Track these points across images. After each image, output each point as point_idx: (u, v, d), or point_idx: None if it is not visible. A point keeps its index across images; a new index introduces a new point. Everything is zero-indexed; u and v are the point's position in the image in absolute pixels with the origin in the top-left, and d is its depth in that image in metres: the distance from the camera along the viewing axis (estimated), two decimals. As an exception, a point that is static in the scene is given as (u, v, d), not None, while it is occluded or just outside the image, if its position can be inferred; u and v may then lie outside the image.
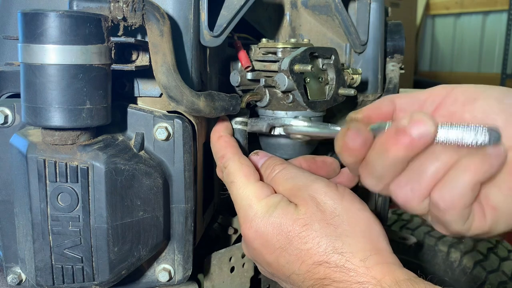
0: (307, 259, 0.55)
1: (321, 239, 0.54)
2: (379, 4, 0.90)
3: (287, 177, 0.62)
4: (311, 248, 0.55)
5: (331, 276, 0.53)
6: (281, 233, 0.57)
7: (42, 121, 0.51)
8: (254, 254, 0.61)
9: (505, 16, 5.58)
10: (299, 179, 0.61)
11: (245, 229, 0.60)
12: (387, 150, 0.51)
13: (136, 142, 0.59)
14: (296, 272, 0.56)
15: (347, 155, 0.56)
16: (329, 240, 0.54)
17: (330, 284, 0.53)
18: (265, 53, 0.76)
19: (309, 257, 0.55)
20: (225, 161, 0.64)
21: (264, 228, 0.58)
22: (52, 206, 0.54)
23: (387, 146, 0.51)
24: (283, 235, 0.56)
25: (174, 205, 0.63)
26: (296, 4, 0.89)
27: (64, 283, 0.56)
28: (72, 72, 0.50)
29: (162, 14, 0.55)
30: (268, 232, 0.57)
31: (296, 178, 0.61)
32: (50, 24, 0.48)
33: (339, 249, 0.54)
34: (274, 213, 0.58)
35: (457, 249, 1.59)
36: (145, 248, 0.60)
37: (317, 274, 0.54)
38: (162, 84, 0.56)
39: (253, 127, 0.74)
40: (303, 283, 0.55)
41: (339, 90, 0.77)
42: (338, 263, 0.53)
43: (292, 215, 0.57)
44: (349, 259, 0.53)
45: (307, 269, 0.55)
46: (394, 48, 0.98)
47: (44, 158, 0.53)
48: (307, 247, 0.55)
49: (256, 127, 0.74)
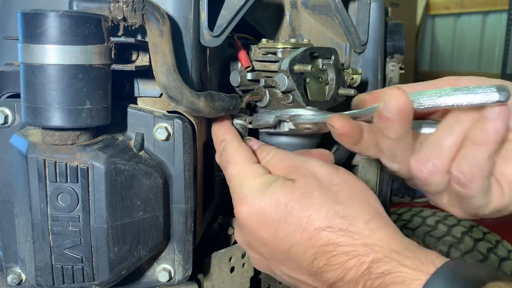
0: (308, 226, 0.53)
1: (322, 205, 0.54)
2: (379, 4, 0.90)
3: (282, 159, 0.62)
4: (312, 214, 0.53)
5: (335, 240, 0.51)
6: (279, 205, 0.55)
7: (42, 121, 0.51)
8: (249, 235, 0.58)
9: (505, 16, 5.58)
10: (294, 159, 0.61)
11: (240, 208, 0.57)
12: (381, 131, 0.54)
13: (136, 142, 0.59)
14: (297, 243, 0.53)
15: (343, 140, 0.58)
16: (330, 205, 0.54)
17: (334, 249, 0.51)
18: (265, 53, 0.76)
19: (311, 224, 0.53)
20: (225, 144, 0.64)
21: (260, 202, 0.56)
22: (52, 206, 0.54)
23: (379, 127, 0.54)
24: (282, 206, 0.55)
25: (174, 205, 0.63)
26: (296, 4, 0.89)
27: (64, 283, 0.56)
28: (72, 72, 0.50)
29: (162, 14, 0.55)
30: (266, 205, 0.56)
31: (291, 158, 0.62)
32: (50, 24, 0.48)
33: (341, 213, 0.53)
34: (271, 187, 0.57)
35: (457, 249, 1.59)
36: (145, 248, 0.60)
37: (319, 241, 0.52)
38: (162, 84, 0.56)
39: (259, 122, 0.73)
40: (305, 254, 0.53)
41: (339, 90, 0.77)
42: (342, 227, 0.52)
43: (291, 188, 0.56)
44: (352, 223, 0.52)
45: (309, 237, 0.52)
46: (394, 48, 0.98)
47: (44, 158, 0.53)
48: (308, 213, 0.53)
49: (262, 121, 0.72)
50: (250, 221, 0.57)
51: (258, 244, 0.58)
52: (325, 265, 0.51)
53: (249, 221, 0.57)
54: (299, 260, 0.54)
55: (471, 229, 1.70)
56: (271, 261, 0.59)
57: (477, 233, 1.69)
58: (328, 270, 0.51)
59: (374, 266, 0.48)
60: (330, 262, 0.51)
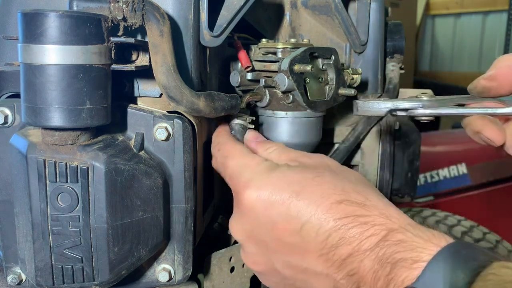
0: (324, 200, 0.51)
1: (336, 182, 0.53)
2: (379, 4, 0.90)
3: (285, 151, 0.62)
4: (328, 189, 0.52)
5: (353, 212, 0.49)
6: (291, 183, 0.53)
7: (42, 121, 0.51)
8: (254, 221, 0.55)
9: (505, 16, 5.57)
10: (298, 152, 0.61)
11: (245, 192, 0.54)
12: None
13: (136, 142, 0.59)
14: (310, 220, 0.50)
15: (487, 142, 0.64)
16: (344, 182, 0.53)
17: (352, 221, 0.49)
18: (265, 53, 0.76)
19: (327, 198, 0.51)
20: (220, 145, 0.64)
21: (268, 182, 0.53)
22: (52, 206, 0.54)
23: None
24: (295, 183, 0.52)
25: (174, 205, 0.63)
26: (296, 4, 0.89)
27: (64, 283, 0.56)
28: (72, 72, 0.50)
29: (162, 14, 0.55)
30: (275, 184, 0.53)
31: (295, 151, 0.61)
32: (50, 24, 0.48)
33: (356, 189, 0.52)
34: (280, 168, 0.55)
35: (457, 249, 1.58)
36: (145, 248, 0.60)
37: (337, 214, 0.50)
38: (162, 84, 0.56)
39: (367, 111, 0.70)
40: (318, 231, 0.50)
41: (339, 90, 0.77)
42: (359, 201, 0.51)
43: (302, 169, 0.55)
44: (368, 197, 0.51)
45: (325, 211, 0.50)
46: (394, 48, 0.98)
47: (44, 158, 0.53)
48: (323, 188, 0.52)
49: (372, 111, 0.69)
50: (257, 203, 0.53)
51: (263, 230, 0.54)
52: (340, 239, 0.49)
53: (257, 204, 0.54)
54: (311, 239, 0.51)
55: (471, 229, 1.70)
56: (273, 251, 0.55)
57: (477, 233, 1.69)
58: (343, 244, 0.49)
59: (390, 234, 0.47)
60: (346, 235, 0.49)
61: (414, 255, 0.45)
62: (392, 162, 0.95)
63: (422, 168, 2.27)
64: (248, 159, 0.59)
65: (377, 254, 0.47)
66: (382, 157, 0.94)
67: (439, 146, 2.70)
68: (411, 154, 1.00)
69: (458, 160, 2.57)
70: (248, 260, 0.60)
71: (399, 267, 0.45)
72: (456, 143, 2.72)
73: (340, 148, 0.91)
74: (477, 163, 2.57)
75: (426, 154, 2.15)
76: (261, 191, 0.54)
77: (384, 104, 0.68)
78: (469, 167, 2.55)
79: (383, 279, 0.46)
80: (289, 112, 0.75)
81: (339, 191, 0.52)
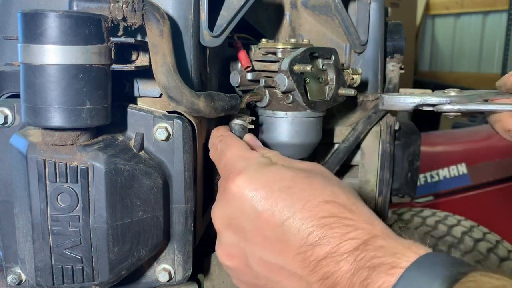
0: (311, 199, 0.51)
1: (326, 185, 0.53)
2: (379, 4, 0.90)
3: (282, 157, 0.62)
4: (317, 189, 0.52)
5: (338, 214, 0.50)
6: (283, 178, 0.53)
7: (42, 121, 0.51)
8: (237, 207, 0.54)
9: (505, 16, 5.57)
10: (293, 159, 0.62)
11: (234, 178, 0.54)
12: None
13: (136, 142, 0.59)
14: (294, 216, 0.50)
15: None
16: (334, 186, 0.54)
17: (335, 221, 0.49)
18: (265, 53, 0.76)
19: (315, 197, 0.51)
20: (222, 137, 0.64)
21: (261, 175, 0.54)
22: (52, 207, 0.54)
23: None
24: (286, 179, 0.53)
25: (174, 205, 0.63)
26: (296, 4, 0.89)
27: (64, 283, 0.56)
28: (72, 72, 0.50)
29: (162, 14, 0.55)
30: (268, 177, 0.53)
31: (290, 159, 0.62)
32: (50, 24, 0.48)
33: (345, 194, 0.53)
34: (274, 165, 0.56)
35: (457, 249, 1.59)
36: (145, 248, 0.60)
37: (322, 213, 0.50)
38: (162, 84, 0.56)
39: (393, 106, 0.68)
40: (300, 228, 0.50)
41: (339, 90, 0.77)
42: (346, 204, 0.51)
43: (295, 169, 0.56)
44: (355, 203, 0.52)
45: (311, 208, 0.50)
46: (394, 48, 0.98)
47: (44, 158, 0.53)
48: (313, 188, 0.52)
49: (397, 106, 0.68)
50: (246, 190, 0.53)
51: (246, 218, 0.53)
52: (320, 239, 0.48)
53: (245, 191, 0.53)
54: (292, 235, 0.50)
55: (471, 229, 1.70)
56: (251, 243, 0.54)
57: (477, 233, 1.69)
58: (322, 243, 0.48)
59: (372, 240, 0.47)
60: (327, 234, 0.48)
61: (393, 260, 0.44)
62: (392, 162, 0.95)
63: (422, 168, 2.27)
64: (246, 153, 0.60)
65: (355, 258, 0.46)
66: (382, 157, 0.94)
67: (439, 146, 2.70)
68: (411, 154, 1.00)
69: (458, 160, 2.57)
70: (222, 253, 0.58)
71: (376, 272, 0.44)
72: (456, 143, 2.72)
73: (340, 148, 0.91)
74: (477, 163, 2.57)
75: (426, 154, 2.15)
76: (252, 180, 0.54)
77: (411, 99, 0.67)
78: (469, 167, 2.55)
79: (358, 285, 0.45)
80: (289, 112, 0.75)
81: (328, 192, 0.52)
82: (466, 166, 2.55)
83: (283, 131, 0.76)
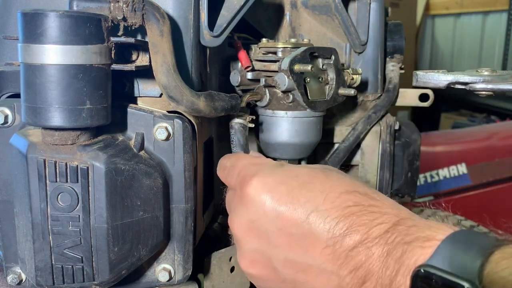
0: (333, 190, 0.50)
1: (344, 177, 0.53)
2: (379, 4, 0.90)
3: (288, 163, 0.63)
4: (336, 181, 0.51)
5: (362, 202, 0.48)
6: (299, 175, 0.52)
7: (42, 121, 0.51)
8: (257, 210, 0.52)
9: (505, 16, 5.57)
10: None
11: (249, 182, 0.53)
12: None
13: (136, 142, 0.59)
14: (318, 208, 0.49)
15: None
16: (352, 179, 0.53)
17: (361, 210, 0.47)
18: (265, 53, 0.76)
19: (335, 188, 0.50)
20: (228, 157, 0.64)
21: (276, 174, 0.53)
22: (52, 206, 0.54)
23: None
24: (303, 175, 0.52)
25: (174, 205, 0.63)
26: (296, 4, 0.89)
27: (64, 283, 0.56)
28: (72, 72, 0.50)
29: (162, 14, 0.55)
30: (283, 176, 0.52)
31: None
32: (50, 24, 0.48)
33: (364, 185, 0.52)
34: (287, 165, 0.56)
35: (457, 249, 1.58)
36: (145, 248, 0.60)
37: (346, 203, 0.48)
38: (162, 84, 0.56)
39: (427, 83, 0.68)
40: (326, 219, 0.48)
41: (339, 90, 0.77)
42: (367, 193, 0.50)
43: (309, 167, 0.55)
44: (375, 192, 0.51)
45: (334, 199, 0.49)
46: (394, 48, 0.98)
47: (44, 158, 0.53)
48: (332, 179, 0.51)
49: (431, 83, 0.68)
50: (263, 191, 0.52)
51: (268, 220, 0.51)
52: (348, 228, 0.47)
53: (262, 192, 0.52)
54: (318, 228, 0.48)
55: (471, 229, 1.70)
56: (275, 245, 0.52)
57: (477, 233, 1.68)
58: (351, 232, 0.46)
59: (402, 221, 0.46)
60: (354, 223, 0.47)
61: (428, 234, 0.43)
62: (392, 162, 0.95)
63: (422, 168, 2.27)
64: (257, 159, 0.60)
65: (386, 240, 0.44)
66: (382, 157, 0.94)
67: (439, 146, 2.70)
68: (411, 154, 1.00)
69: (458, 160, 2.57)
70: (245, 261, 0.56)
71: (411, 247, 0.42)
72: (456, 143, 2.72)
73: (340, 148, 0.91)
74: (477, 163, 2.57)
75: (426, 154, 2.15)
76: (268, 180, 0.52)
77: (445, 76, 0.67)
78: (469, 167, 2.55)
79: (393, 266, 0.43)
80: (289, 111, 0.75)
81: (347, 183, 0.51)
82: (466, 166, 2.55)
83: (283, 131, 0.76)
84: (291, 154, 0.79)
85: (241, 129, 0.69)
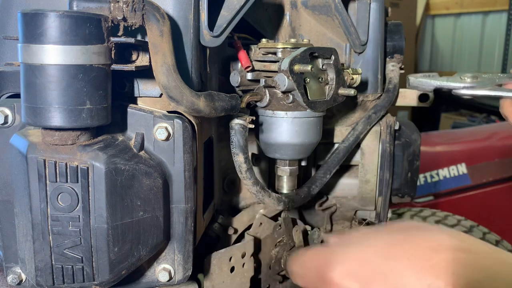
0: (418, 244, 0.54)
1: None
2: (379, 4, 0.90)
3: None
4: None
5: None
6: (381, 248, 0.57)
7: (42, 121, 0.51)
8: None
9: (505, 16, 5.57)
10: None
11: (332, 273, 0.56)
12: None
13: (136, 142, 0.59)
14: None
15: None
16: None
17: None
18: (265, 53, 0.76)
19: (419, 243, 0.54)
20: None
21: (350, 256, 0.58)
22: (52, 206, 0.54)
23: None
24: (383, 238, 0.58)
25: (174, 205, 0.63)
26: (296, 4, 0.89)
27: (64, 283, 0.56)
28: (72, 72, 0.50)
29: (162, 14, 0.55)
30: (363, 251, 0.57)
31: None
32: (50, 24, 0.48)
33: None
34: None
35: (457, 249, 1.58)
36: (145, 248, 0.60)
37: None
38: (162, 84, 0.56)
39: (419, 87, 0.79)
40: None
41: (339, 90, 0.77)
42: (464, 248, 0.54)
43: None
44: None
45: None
46: (394, 48, 0.98)
47: (44, 158, 0.53)
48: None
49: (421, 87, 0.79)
50: (351, 262, 0.56)
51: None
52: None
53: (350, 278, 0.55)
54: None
55: (471, 229, 1.70)
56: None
57: (477, 233, 1.69)
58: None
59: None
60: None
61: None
62: (392, 162, 0.95)
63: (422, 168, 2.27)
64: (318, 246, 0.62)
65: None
66: (382, 157, 0.94)
67: (439, 146, 2.70)
68: (411, 154, 1.00)
69: (458, 160, 2.57)
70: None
71: None
72: (456, 143, 2.72)
73: (340, 148, 0.91)
74: (477, 163, 2.57)
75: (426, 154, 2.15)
76: (350, 258, 0.57)
77: (432, 82, 0.77)
78: (469, 167, 2.55)
79: None
80: (289, 112, 0.75)
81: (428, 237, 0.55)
82: (466, 166, 2.55)
83: (283, 131, 0.76)
84: (291, 154, 0.79)
85: (241, 129, 0.69)
